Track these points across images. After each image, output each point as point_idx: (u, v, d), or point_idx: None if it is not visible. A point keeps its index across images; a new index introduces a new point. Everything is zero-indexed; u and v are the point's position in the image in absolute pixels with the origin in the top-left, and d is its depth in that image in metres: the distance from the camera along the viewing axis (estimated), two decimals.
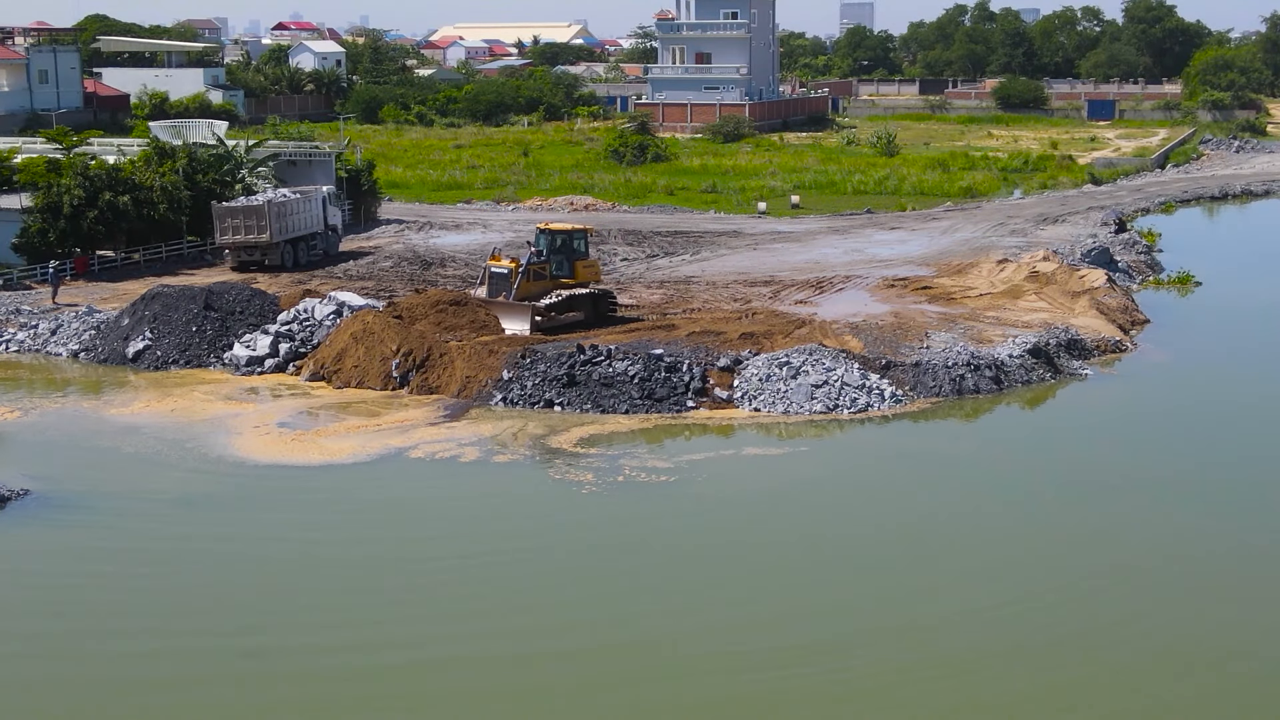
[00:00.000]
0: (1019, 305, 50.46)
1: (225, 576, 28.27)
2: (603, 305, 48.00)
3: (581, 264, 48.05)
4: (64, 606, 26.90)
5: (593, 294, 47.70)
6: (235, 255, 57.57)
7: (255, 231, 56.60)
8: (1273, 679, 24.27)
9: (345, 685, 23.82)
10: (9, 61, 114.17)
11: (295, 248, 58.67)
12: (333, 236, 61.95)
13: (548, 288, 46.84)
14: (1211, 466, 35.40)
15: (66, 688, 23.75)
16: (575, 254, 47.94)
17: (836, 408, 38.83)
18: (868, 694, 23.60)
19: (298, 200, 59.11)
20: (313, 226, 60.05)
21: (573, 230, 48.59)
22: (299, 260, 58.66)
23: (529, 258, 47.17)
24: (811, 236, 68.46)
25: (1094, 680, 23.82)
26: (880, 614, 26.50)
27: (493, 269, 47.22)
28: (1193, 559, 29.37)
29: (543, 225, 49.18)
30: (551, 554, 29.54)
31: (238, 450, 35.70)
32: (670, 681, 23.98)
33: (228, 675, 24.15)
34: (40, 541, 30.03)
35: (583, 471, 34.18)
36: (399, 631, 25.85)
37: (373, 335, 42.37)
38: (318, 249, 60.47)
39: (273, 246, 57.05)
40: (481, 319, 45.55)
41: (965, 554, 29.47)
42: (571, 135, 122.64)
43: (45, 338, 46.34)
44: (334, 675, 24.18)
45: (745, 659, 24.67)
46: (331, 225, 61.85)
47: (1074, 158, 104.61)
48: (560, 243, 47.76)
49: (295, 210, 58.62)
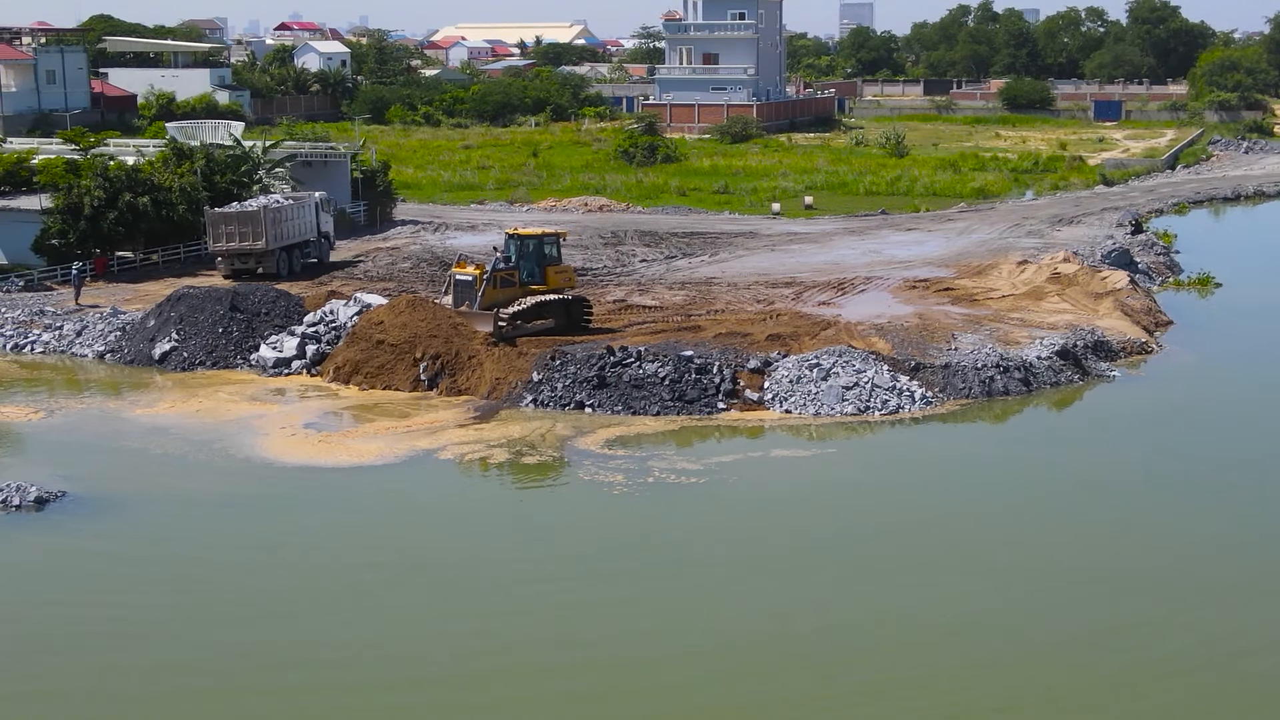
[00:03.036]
0: (1042, 307, 50.42)
1: (257, 583, 28.24)
2: (576, 312, 46.07)
3: (554, 270, 46.31)
4: (113, 609, 26.86)
5: (565, 300, 45.71)
6: (228, 263, 55.36)
7: (250, 238, 54.68)
8: None
9: (381, 693, 23.75)
10: (17, 62, 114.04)
11: (290, 255, 56.76)
12: (325, 244, 60.04)
13: (516, 295, 44.87)
14: (1244, 466, 35.37)
15: (113, 692, 23.74)
16: (547, 259, 46.32)
17: (868, 410, 38.81)
18: (897, 695, 23.55)
19: (292, 206, 57.25)
20: (307, 233, 58.14)
21: (544, 235, 46.82)
22: (293, 268, 56.58)
23: (494, 263, 45.49)
24: (828, 237, 68.42)
25: (1127, 679, 23.80)
26: (911, 615, 26.44)
27: (457, 276, 45.03)
28: (1220, 559, 29.35)
29: (511, 230, 47.46)
30: (579, 555, 29.48)
31: (266, 452, 35.67)
32: (692, 687, 23.95)
33: (263, 682, 24.13)
34: (83, 544, 29.99)
35: (612, 473, 34.15)
36: (426, 639, 25.74)
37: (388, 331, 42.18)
38: (311, 256, 58.56)
39: (268, 254, 55.08)
40: (447, 322, 43.10)
41: (999, 555, 29.44)
42: (579, 136, 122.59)
43: (71, 339, 46.29)
44: (370, 682, 24.08)
45: (774, 661, 24.63)
46: (325, 232, 59.89)
47: (1084, 159, 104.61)
48: (530, 248, 46.00)
49: (290, 216, 56.78)
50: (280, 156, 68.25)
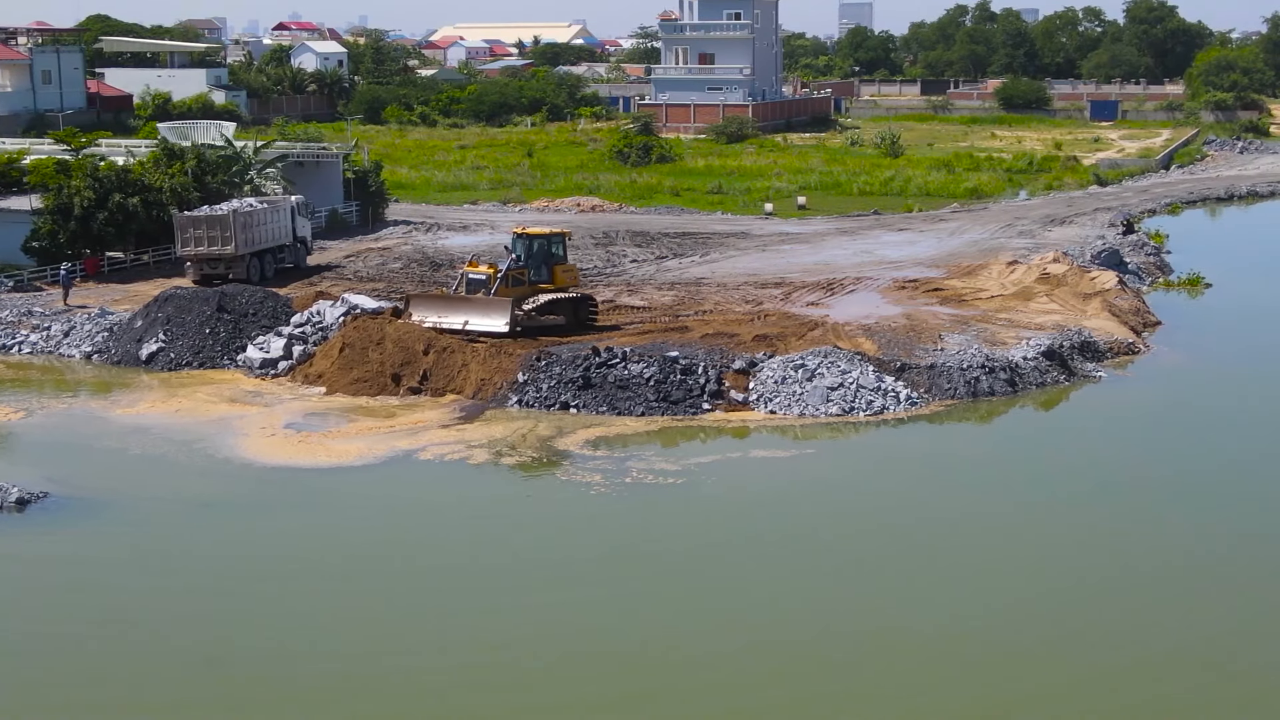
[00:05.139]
0: (1031, 307, 50.45)
1: (231, 583, 28.26)
2: (583, 310, 46.76)
3: (560, 269, 47.12)
4: (91, 611, 26.89)
5: (573, 299, 46.44)
6: (197, 268, 53.88)
7: (219, 243, 53.21)
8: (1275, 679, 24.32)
9: (348, 694, 23.72)
10: (12, 62, 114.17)
11: (261, 261, 55.30)
12: (301, 249, 58.68)
13: (527, 293, 45.66)
14: (1228, 468, 35.40)
15: (87, 687, 23.76)
16: (553, 259, 47.06)
17: (852, 410, 38.83)
18: (873, 697, 23.56)
19: (265, 210, 55.70)
20: (280, 238, 56.73)
21: (550, 235, 47.55)
22: (265, 274, 54.91)
23: (509, 263, 46.05)
24: (820, 238, 68.45)
25: (1106, 679, 23.81)
26: (889, 615, 26.44)
27: (470, 275, 45.94)
28: (1207, 560, 29.37)
29: (520, 230, 48.05)
30: (552, 557, 29.43)
31: (246, 453, 35.68)
32: (663, 686, 23.97)
33: (233, 677, 24.16)
34: (66, 545, 30.03)
35: (590, 473, 34.16)
36: (398, 637, 25.72)
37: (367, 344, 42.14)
38: (286, 262, 57.28)
39: (237, 259, 53.53)
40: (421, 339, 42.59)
41: (982, 556, 29.45)
42: (575, 136, 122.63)
43: (58, 339, 46.31)
44: (335, 683, 24.05)
45: (746, 661, 24.64)
46: (301, 237, 58.56)
47: (1078, 159, 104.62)
48: (538, 248, 46.74)
49: (262, 221, 55.22)
50: (271, 157, 68.24)
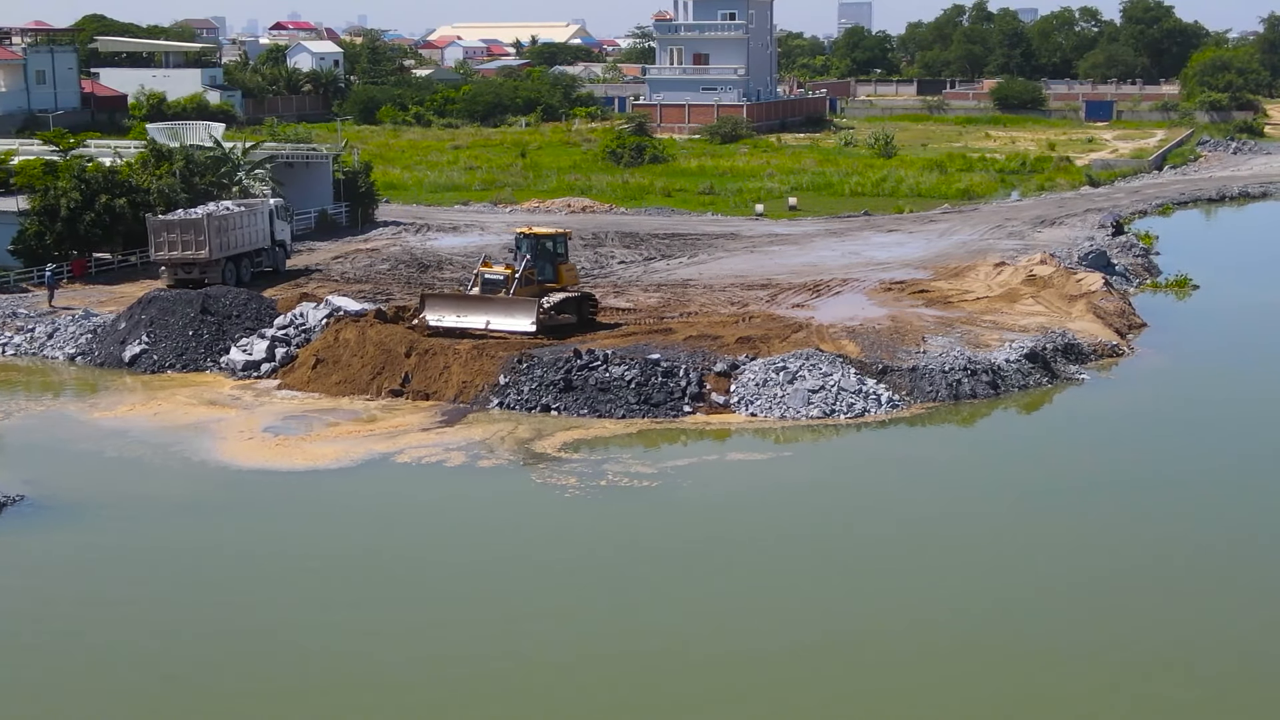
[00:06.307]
0: (1016, 309, 50.44)
1: (208, 585, 28.27)
2: (585, 308, 47.63)
3: (563, 268, 47.89)
4: (66, 615, 26.89)
5: (576, 297, 47.22)
6: (171, 272, 53.01)
7: (194, 247, 52.38)
8: (1272, 679, 24.26)
9: (319, 694, 23.74)
10: (6, 62, 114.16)
11: (238, 265, 54.44)
12: (280, 253, 57.75)
13: (537, 292, 46.48)
14: (1209, 470, 35.40)
15: (64, 693, 23.76)
16: (557, 257, 47.77)
17: (833, 413, 38.81)
18: (849, 697, 23.56)
19: (241, 214, 54.85)
20: (258, 242, 55.90)
21: (554, 234, 48.32)
22: (241, 279, 53.83)
23: (524, 264, 46.78)
24: (809, 239, 68.43)
25: (1087, 683, 23.81)
26: (870, 618, 26.45)
27: (485, 275, 46.68)
28: (1191, 561, 29.37)
29: (525, 229, 48.63)
30: (523, 560, 29.40)
31: (223, 456, 35.66)
32: (645, 687, 23.97)
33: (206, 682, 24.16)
34: (46, 548, 30.02)
35: (566, 476, 34.14)
36: (370, 639, 25.68)
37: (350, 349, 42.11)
38: (264, 266, 56.52)
39: (212, 264, 52.67)
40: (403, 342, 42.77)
41: (959, 558, 29.43)
42: (569, 136, 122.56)
43: (42, 341, 46.31)
44: (310, 685, 24.08)
45: (724, 663, 24.65)
46: (280, 240, 57.71)
47: (1071, 159, 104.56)
48: (543, 247, 47.51)
49: (238, 225, 54.44)
50: (260, 158, 68.19)
